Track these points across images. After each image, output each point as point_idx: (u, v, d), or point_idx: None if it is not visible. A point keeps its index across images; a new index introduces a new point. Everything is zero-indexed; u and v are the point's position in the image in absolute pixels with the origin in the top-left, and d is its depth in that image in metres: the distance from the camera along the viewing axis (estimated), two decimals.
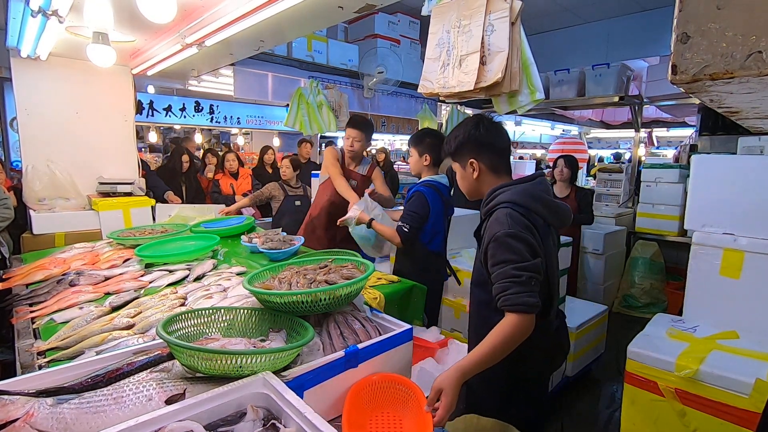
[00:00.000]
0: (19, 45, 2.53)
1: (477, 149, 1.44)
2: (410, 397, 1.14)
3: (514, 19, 1.55)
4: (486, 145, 1.44)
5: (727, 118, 0.84)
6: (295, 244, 2.28)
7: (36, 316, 1.54)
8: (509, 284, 1.22)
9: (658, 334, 1.66)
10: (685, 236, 3.93)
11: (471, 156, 1.44)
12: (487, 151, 1.44)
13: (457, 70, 1.64)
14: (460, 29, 1.63)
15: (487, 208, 1.39)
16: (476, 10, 1.59)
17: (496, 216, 1.31)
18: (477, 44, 1.57)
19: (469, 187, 1.50)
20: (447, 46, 1.68)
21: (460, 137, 1.47)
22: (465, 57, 1.61)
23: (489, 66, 1.57)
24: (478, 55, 1.57)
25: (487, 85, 1.57)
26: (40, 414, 0.83)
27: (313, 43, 5.19)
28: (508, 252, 1.25)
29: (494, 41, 1.56)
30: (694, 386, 1.44)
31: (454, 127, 1.52)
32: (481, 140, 1.43)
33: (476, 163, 1.43)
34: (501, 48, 1.55)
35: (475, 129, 1.44)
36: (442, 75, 1.69)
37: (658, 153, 10.61)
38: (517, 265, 1.23)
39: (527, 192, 1.35)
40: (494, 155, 1.44)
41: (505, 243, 1.25)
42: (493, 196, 1.38)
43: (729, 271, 1.74)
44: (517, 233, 1.25)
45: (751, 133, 3.22)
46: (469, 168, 1.45)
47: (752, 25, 0.48)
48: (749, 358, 1.47)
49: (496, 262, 1.27)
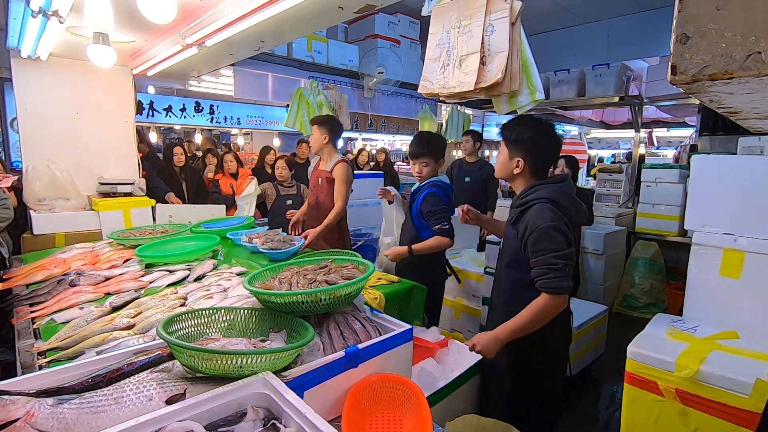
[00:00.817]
0: (20, 45, 2.53)
1: (530, 153, 1.58)
2: (410, 398, 1.14)
3: (514, 20, 1.54)
4: (538, 152, 1.58)
5: (727, 118, 0.85)
6: (295, 245, 2.28)
7: (36, 317, 1.54)
8: (547, 270, 1.45)
9: (658, 334, 1.66)
10: (685, 236, 3.93)
11: (521, 155, 1.58)
12: (537, 157, 1.58)
13: (457, 70, 1.63)
14: (460, 29, 1.63)
15: (525, 200, 1.56)
16: (476, 10, 1.59)
17: (539, 210, 1.50)
18: (477, 45, 1.57)
19: (505, 173, 1.64)
20: (447, 46, 1.68)
21: (524, 134, 1.57)
22: (465, 57, 1.61)
23: (489, 66, 1.57)
24: (478, 56, 1.57)
25: (488, 85, 1.57)
26: (41, 414, 0.83)
27: (314, 44, 5.20)
28: (548, 242, 1.46)
29: (494, 41, 1.56)
30: (694, 386, 1.44)
31: (520, 116, 1.64)
32: (537, 148, 1.58)
33: (522, 163, 1.58)
34: (501, 48, 1.55)
35: (538, 136, 1.57)
36: (443, 75, 1.69)
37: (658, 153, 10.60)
38: (555, 254, 1.44)
39: (562, 191, 1.54)
40: (540, 162, 1.60)
41: (546, 234, 1.46)
42: (531, 191, 1.56)
43: (729, 271, 1.74)
44: (558, 226, 1.46)
45: (751, 134, 3.22)
46: (514, 162, 1.60)
47: (752, 25, 0.48)
48: (749, 358, 1.47)
49: (537, 249, 1.47)
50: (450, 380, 1.66)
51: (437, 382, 1.64)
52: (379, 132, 6.82)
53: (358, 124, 6.30)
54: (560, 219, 1.48)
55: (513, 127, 1.61)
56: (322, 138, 2.98)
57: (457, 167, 4.39)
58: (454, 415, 1.51)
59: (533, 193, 1.55)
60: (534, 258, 1.49)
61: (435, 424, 1.07)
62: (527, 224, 1.51)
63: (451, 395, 1.65)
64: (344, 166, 2.91)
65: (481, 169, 4.25)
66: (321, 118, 3.08)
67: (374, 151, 7.63)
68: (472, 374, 1.79)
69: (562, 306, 1.48)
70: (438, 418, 1.17)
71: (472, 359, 1.81)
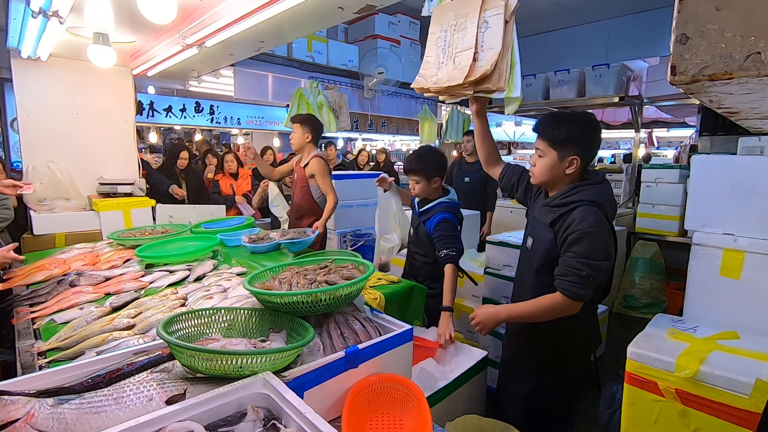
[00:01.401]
0: (20, 46, 2.53)
1: (585, 149, 1.51)
2: (410, 398, 1.14)
3: (508, 18, 1.53)
4: (593, 147, 1.54)
5: (727, 118, 0.85)
6: (310, 236, 2.39)
7: (36, 317, 1.54)
8: (569, 272, 1.42)
9: (658, 335, 1.66)
10: (685, 236, 3.93)
11: (576, 152, 1.49)
12: (591, 153, 1.54)
13: (450, 66, 1.61)
14: (456, 27, 1.61)
15: (567, 201, 1.49)
16: (473, 8, 1.57)
17: (583, 213, 1.43)
18: (471, 41, 1.54)
19: (549, 176, 1.55)
20: (444, 44, 1.66)
21: (576, 131, 1.49)
22: (459, 53, 1.58)
23: (480, 63, 1.54)
24: (472, 52, 1.53)
25: (476, 78, 1.51)
26: (41, 414, 0.83)
27: (314, 44, 5.19)
28: (582, 246, 1.40)
29: (488, 38, 1.52)
30: (694, 386, 1.44)
31: (565, 114, 1.55)
32: (592, 142, 1.52)
33: (578, 161, 1.50)
34: (493, 45, 1.51)
35: (591, 131, 1.51)
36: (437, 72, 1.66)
37: (659, 153, 10.61)
38: (584, 261, 1.40)
39: (605, 193, 1.50)
40: (592, 157, 1.55)
41: (583, 238, 1.41)
42: (574, 192, 1.49)
43: (729, 272, 1.74)
44: (599, 233, 1.41)
45: (751, 134, 3.22)
46: (566, 161, 1.50)
47: (751, 26, 0.48)
48: (749, 358, 1.46)
49: (569, 250, 1.43)
50: (450, 380, 1.66)
51: (437, 383, 1.64)
52: (379, 132, 6.82)
53: (358, 124, 6.29)
54: (604, 226, 1.43)
55: (558, 125, 1.50)
56: (304, 137, 3.00)
57: (457, 167, 4.39)
58: (455, 415, 1.51)
59: (576, 194, 1.48)
60: (563, 256, 1.46)
61: (435, 425, 1.07)
62: (569, 225, 1.46)
63: (451, 395, 1.65)
64: (318, 159, 2.95)
65: (481, 169, 4.23)
66: (303, 117, 3.06)
67: (374, 151, 7.63)
68: (473, 374, 1.79)
69: (572, 310, 1.46)
70: (438, 418, 1.17)
71: (473, 359, 1.81)
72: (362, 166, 6.53)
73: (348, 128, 5.63)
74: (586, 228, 1.41)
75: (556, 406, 1.65)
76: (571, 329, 1.57)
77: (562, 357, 1.60)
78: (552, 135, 1.51)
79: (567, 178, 1.54)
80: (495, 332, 2.70)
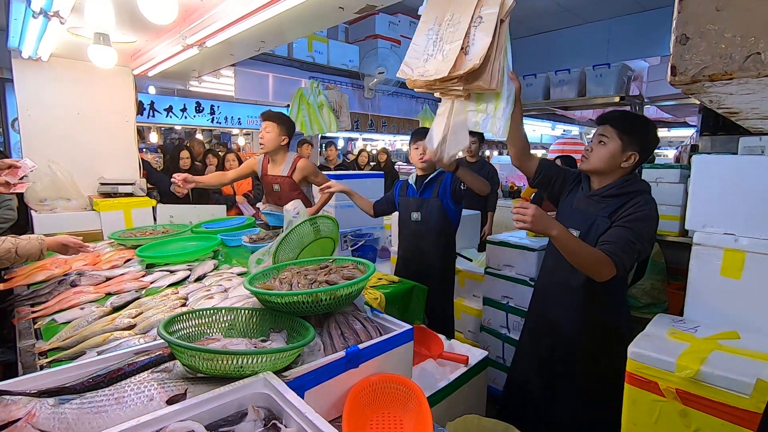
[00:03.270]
0: (21, 46, 2.53)
1: (646, 149, 1.63)
2: (411, 398, 1.14)
3: (503, 16, 1.50)
4: (651, 151, 1.67)
5: (728, 118, 0.85)
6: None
7: (37, 317, 1.55)
8: (623, 242, 1.49)
9: (658, 335, 1.66)
10: (686, 236, 3.92)
11: (637, 149, 1.60)
12: (648, 154, 1.66)
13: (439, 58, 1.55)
14: (451, 21, 1.59)
15: (629, 189, 1.60)
16: (468, 4, 1.55)
17: (646, 199, 1.57)
18: (461, 34, 1.49)
19: (607, 164, 1.63)
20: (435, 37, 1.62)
21: (645, 130, 1.62)
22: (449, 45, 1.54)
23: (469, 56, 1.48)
24: (460, 44, 1.48)
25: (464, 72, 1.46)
26: (42, 414, 0.83)
27: (314, 44, 5.20)
28: (642, 225, 1.52)
29: (479, 33, 1.47)
30: (695, 386, 1.44)
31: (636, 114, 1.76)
32: (652, 146, 1.67)
33: (636, 158, 1.61)
34: (484, 39, 1.46)
35: (655, 138, 1.67)
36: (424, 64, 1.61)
37: (659, 153, 10.60)
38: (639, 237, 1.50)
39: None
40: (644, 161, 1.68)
41: (645, 219, 1.53)
42: (633, 182, 1.61)
43: (730, 272, 1.73)
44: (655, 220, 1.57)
45: (752, 134, 3.22)
46: (627, 155, 1.61)
47: (751, 26, 0.48)
48: (750, 358, 1.46)
49: (624, 224, 1.52)
50: (451, 380, 1.66)
51: (438, 383, 1.64)
52: (380, 132, 6.82)
53: (358, 124, 6.30)
54: (657, 215, 1.58)
55: (631, 119, 1.64)
56: (280, 138, 2.67)
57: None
58: (455, 415, 1.51)
59: (637, 184, 1.61)
60: (620, 227, 1.53)
61: (435, 425, 1.07)
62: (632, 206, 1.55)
63: (451, 395, 1.65)
64: (303, 160, 2.72)
65: (482, 170, 4.24)
66: (278, 115, 2.70)
67: (375, 151, 7.63)
68: (473, 374, 1.78)
69: (607, 275, 1.49)
70: (438, 419, 1.17)
71: (473, 359, 1.81)
72: (363, 166, 6.53)
73: (348, 128, 5.63)
74: (649, 212, 1.54)
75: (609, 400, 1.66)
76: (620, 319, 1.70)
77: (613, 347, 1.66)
78: (624, 126, 1.61)
79: (619, 171, 1.63)
80: (495, 332, 2.71)
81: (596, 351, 1.71)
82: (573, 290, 1.73)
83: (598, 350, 1.70)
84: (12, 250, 1.77)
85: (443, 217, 2.38)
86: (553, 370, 1.82)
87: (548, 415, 1.83)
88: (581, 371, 1.73)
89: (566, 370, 1.78)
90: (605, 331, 1.70)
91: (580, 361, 1.74)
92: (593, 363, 1.71)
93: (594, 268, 1.49)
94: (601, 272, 1.49)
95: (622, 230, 1.52)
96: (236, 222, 3.05)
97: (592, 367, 1.72)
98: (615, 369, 1.64)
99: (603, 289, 1.61)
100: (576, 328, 1.74)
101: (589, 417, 1.74)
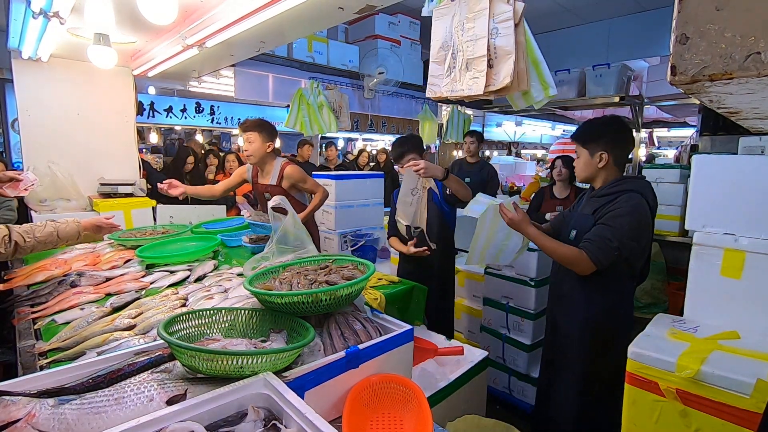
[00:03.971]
0: (21, 46, 2.53)
1: (612, 145, 1.71)
2: (411, 398, 1.14)
3: (517, 21, 1.54)
4: (620, 143, 1.72)
5: (728, 118, 0.85)
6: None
7: (37, 317, 1.55)
8: (599, 239, 1.59)
9: (658, 335, 1.66)
10: (686, 236, 3.93)
11: (603, 148, 1.71)
12: (619, 148, 1.72)
13: (465, 73, 1.64)
14: (464, 32, 1.63)
15: (612, 191, 1.68)
16: (479, 13, 1.58)
17: (627, 197, 1.62)
18: (483, 49, 1.57)
19: (587, 173, 1.77)
20: (452, 48, 1.68)
21: (602, 130, 1.74)
22: (472, 60, 1.61)
23: (496, 69, 1.58)
24: (486, 59, 1.57)
25: (496, 89, 1.59)
26: (42, 415, 0.83)
27: (314, 44, 5.19)
28: (617, 221, 1.59)
29: (500, 44, 1.56)
30: (695, 386, 1.43)
31: (593, 119, 1.79)
32: (619, 139, 1.72)
33: (606, 155, 1.70)
34: (508, 51, 1.55)
35: (617, 129, 1.73)
36: (449, 79, 1.70)
37: (659, 153, 10.60)
38: (615, 234, 1.57)
39: (647, 186, 1.69)
40: (622, 153, 1.73)
41: (621, 215, 1.59)
42: (619, 183, 1.68)
43: (730, 272, 1.73)
44: (636, 215, 1.58)
45: (752, 134, 3.22)
46: (597, 157, 1.72)
47: (751, 25, 0.48)
48: (750, 358, 1.46)
49: (608, 224, 1.60)
50: (451, 380, 1.66)
51: (438, 383, 1.64)
52: (380, 132, 6.82)
53: (358, 124, 6.30)
54: (644, 211, 1.60)
55: (586, 128, 1.77)
56: (264, 146, 2.54)
57: (457, 167, 4.39)
58: (455, 415, 1.51)
59: (621, 185, 1.67)
60: (598, 225, 1.63)
61: (435, 425, 1.07)
62: (613, 204, 1.63)
63: (451, 395, 1.65)
64: (290, 165, 2.60)
65: (482, 170, 4.24)
66: (257, 123, 2.56)
67: (374, 151, 7.63)
68: (473, 374, 1.79)
69: (584, 271, 1.62)
70: (438, 419, 1.17)
71: (473, 360, 1.81)
72: (363, 166, 6.53)
73: (348, 128, 5.63)
74: (626, 208, 1.59)
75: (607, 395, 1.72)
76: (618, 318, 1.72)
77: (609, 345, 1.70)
78: (583, 137, 1.77)
79: (602, 172, 1.74)
80: (495, 332, 2.71)
81: (591, 349, 1.73)
82: (569, 289, 1.79)
83: (593, 348, 1.73)
84: (54, 233, 1.78)
85: (440, 220, 2.41)
86: (554, 367, 1.87)
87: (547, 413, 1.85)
88: (578, 369, 1.76)
89: (564, 368, 1.81)
90: (601, 330, 1.72)
91: (575, 358, 1.77)
92: (588, 361, 1.74)
93: (572, 264, 1.64)
94: (578, 267, 1.63)
95: (599, 228, 1.62)
96: (236, 222, 3.05)
97: (588, 366, 1.74)
98: (611, 368, 1.68)
99: (598, 287, 1.67)
100: (572, 325, 1.78)
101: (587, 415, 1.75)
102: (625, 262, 1.65)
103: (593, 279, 1.66)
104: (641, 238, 1.62)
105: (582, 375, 1.75)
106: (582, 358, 1.74)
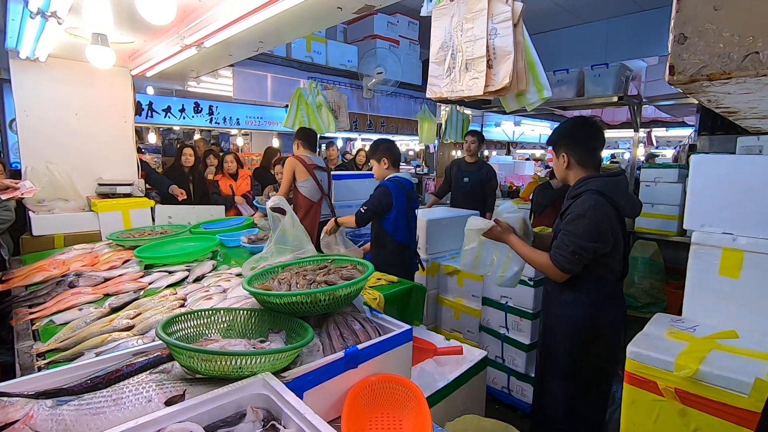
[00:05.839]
0: (18, 46, 2.53)
1: (570, 145, 1.74)
2: (410, 398, 1.14)
3: (516, 21, 1.55)
4: (578, 143, 1.73)
5: (726, 118, 0.85)
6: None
7: (35, 318, 1.54)
8: (560, 246, 1.64)
9: (657, 334, 1.66)
10: (684, 236, 3.93)
11: (563, 150, 1.75)
12: (578, 148, 1.73)
13: (464, 74, 1.66)
14: (463, 32, 1.64)
15: (576, 192, 1.68)
16: (478, 13, 1.59)
17: (584, 199, 1.63)
18: (482, 49, 1.59)
19: (559, 174, 1.81)
20: (451, 49, 1.69)
21: (561, 133, 1.79)
22: (471, 61, 1.63)
23: (496, 69, 1.60)
24: (485, 60, 1.58)
25: (496, 89, 1.61)
26: (40, 416, 0.83)
27: (312, 44, 5.19)
28: (572, 226, 1.61)
29: (499, 44, 1.58)
30: (693, 386, 1.44)
31: (561, 124, 1.85)
32: (575, 139, 1.74)
33: (566, 156, 1.75)
34: (507, 52, 1.56)
35: (573, 129, 1.77)
36: (449, 79, 1.71)
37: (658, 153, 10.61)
38: (572, 239, 1.60)
39: (615, 183, 1.66)
40: (584, 152, 1.73)
41: (575, 219, 1.61)
42: (583, 183, 1.68)
43: (728, 271, 1.74)
44: (591, 216, 1.58)
45: (750, 133, 3.23)
46: (561, 159, 1.76)
47: (749, 25, 0.48)
48: (749, 357, 1.46)
49: (566, 229, 1.63)
50: (450, 380, 1.66)
51: (437, 383, 1.64)
52: (379, 132, 6.80)
53: (357, 124, 6.29)
54: (601, 211, 1.59)
55: (552, 133, 1.82)
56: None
57: (456, 167, 4.39)
58: (454, 415, 1.51)
59: (584, 185, 1.67)
60: (560, 233, 1.66)
61: (435, 425, 1.07)
62: (571, 208, 1.66)
63: (451, 395, 1.65)
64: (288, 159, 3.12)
65: (481, 170, 4.24)
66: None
67: None
68: (472, 374, 1.79)
69: (558, 278, 1.67)
70: (438, 419, 1.17)
71: (472, 359, 1.81)
72: (361, 165, 6.53)
73: (347, 128, 5.62)
74: (580, 211, 1.60)
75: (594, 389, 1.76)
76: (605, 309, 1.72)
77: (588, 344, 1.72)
78: (549, 140, 1.83)
79: (570, 173, 1.76)
80: (494, 331, 2.72)
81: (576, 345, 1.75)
82: (552, 287, 1.83)
83: (578, 344, 1.75)
84: None
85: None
86: (544, 362, 1.91)
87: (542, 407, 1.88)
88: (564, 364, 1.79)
89: (552, 362, 1.84)
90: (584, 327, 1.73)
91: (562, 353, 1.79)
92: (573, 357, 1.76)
93: (545, 272, 1.71)
94: (551, 276, 1.69)
95: (561, 235, 1.66)
96: (235, 222, 3.05)
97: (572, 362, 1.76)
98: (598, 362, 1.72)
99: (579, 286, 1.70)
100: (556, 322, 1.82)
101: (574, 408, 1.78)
102: (597, 262, 1.66)
103: (572, 279, 1.68)
104: (602, 238, 1.61)
105: (568, 369, 1.77)
106: (567, 353, 1.76)
